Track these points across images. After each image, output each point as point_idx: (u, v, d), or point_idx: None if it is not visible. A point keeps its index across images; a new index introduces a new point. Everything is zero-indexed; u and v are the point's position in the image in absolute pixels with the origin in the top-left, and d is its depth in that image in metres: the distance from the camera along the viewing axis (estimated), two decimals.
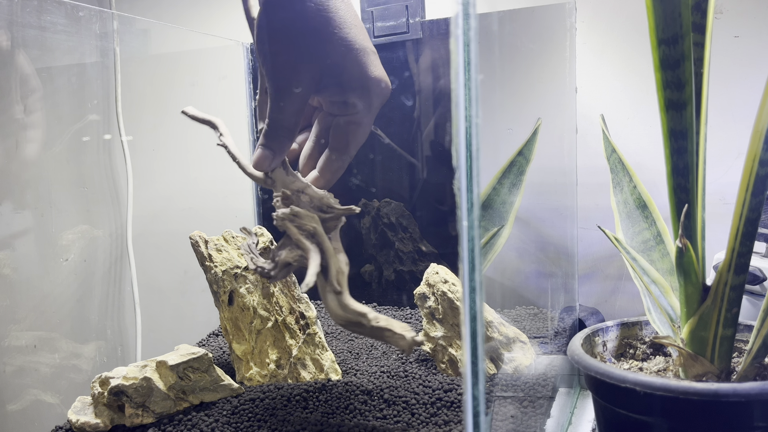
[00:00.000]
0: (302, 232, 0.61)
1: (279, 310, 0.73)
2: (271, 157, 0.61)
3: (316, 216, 0.61)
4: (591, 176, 0.88)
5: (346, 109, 0.61)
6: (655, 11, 0.50)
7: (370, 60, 0.59)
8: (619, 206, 0.71)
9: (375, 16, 0.93)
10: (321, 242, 0.61)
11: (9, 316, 0.82)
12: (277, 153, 0.61)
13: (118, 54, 0.96)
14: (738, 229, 0.51)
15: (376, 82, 0.59)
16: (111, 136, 0.98)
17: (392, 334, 0.59)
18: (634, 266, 0.62)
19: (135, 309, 0.98)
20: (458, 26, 0.31)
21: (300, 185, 0.62)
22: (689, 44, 0.50)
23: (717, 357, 0.56)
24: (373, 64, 0.59)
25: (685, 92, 0.52)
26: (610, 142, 0.73)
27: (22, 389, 0.82)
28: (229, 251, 0.75)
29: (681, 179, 0.54)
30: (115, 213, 0.98)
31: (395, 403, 0.64)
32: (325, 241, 0.61)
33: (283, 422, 0.61)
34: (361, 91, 0.59)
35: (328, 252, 0.61)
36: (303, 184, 0.63)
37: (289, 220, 0.61)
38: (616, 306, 0.91)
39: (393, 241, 0.98)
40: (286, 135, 0.60)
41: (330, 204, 0.63)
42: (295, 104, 0.58)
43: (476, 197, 0.32)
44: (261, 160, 0.61)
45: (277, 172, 0.63)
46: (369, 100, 0.60)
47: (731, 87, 0.81)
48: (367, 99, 0.60)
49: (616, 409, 0.57)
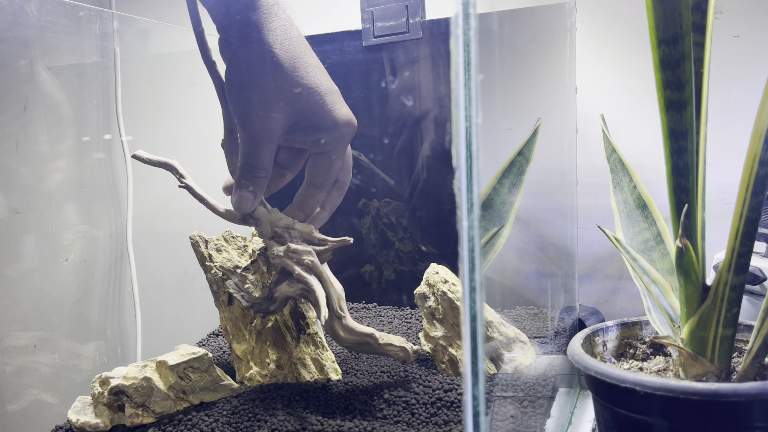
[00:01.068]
0: (301, 266, 0.63)
1: None
2: (252, 198, 0.63)
3: (311, 249, 0.64)
4: (591, 176, 0.88)
5: (317, 146, 0.64)
6: (655, 11, 0.50)
7: (336, 100, 0.63)
8: (619, 206, 0.71)
9: (375, 16, 0.93)
10: (320, 274, 0.63)
11: (9, 316, 0.82)
12: (257, 193, 0.63)
13: (118, 54, 0.96)
14: (738, 229, 0.51)
15: (344, 120, 0.63)
16: (111, 136, 0.98)
17: (393, 347, 0.65)
18: (634, 266, 0.62)
19: (135, 309, 0.98)
20: (458, 26, 0.31)
21: (287, 222, 0.65)
22: (689, 44, 0.50)
23: (717, 357, 0.56)
24: (339, 103, 0.63)
25: (685, 92, 0.52)
26: (610, 142, 0.73)
27: (22, 389, 0.82)
28: (229, 251, 0.75)
29: (681, 179, 0.54)
30: (115, 213, 0.98)
31: (395, 403, 0.64)
32: (324, 272, 0.64)
33: (283, 422, 0.61)
34: (330, 130, 0.63)
35: (327, 282, 0.64)
36: (290, 221, 0.65)
37: (287, 257, 0.63)
38: (616, 306, 0.91)
39: (393, 241, 0.98)
40: (263, 175, 0.62)
41: (321, 237, 0.65)
42: (270, 147, 0.61)
43: (476, 197, 0.32)
44: (242, 203, 0.63)
45: (259, 211, 0.65)
46: (338, 137, 0.63)
47: (731, 87, 0.81)
48: (337, 136, 0.63)
49: (616, 409, 0.57)
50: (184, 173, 0.66)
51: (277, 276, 0.65)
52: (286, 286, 0.64)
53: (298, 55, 0.60)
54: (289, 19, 0.60)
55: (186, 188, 0.66)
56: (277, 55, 0.58)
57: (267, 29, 0.58)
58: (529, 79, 0.86)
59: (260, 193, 0.63)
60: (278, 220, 0.65)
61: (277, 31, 0.59)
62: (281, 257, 0.63)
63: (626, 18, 0.86)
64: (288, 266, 0.63)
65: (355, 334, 0.63)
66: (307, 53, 0.61)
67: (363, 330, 0.64)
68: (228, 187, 0.66)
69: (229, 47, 0.60)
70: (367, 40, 0.95)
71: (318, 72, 0.61)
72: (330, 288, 0.64)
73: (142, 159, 0.66)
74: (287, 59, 0.59)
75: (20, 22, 0.78)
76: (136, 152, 0.67)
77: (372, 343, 0.64)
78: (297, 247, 0.63)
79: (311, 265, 0.63)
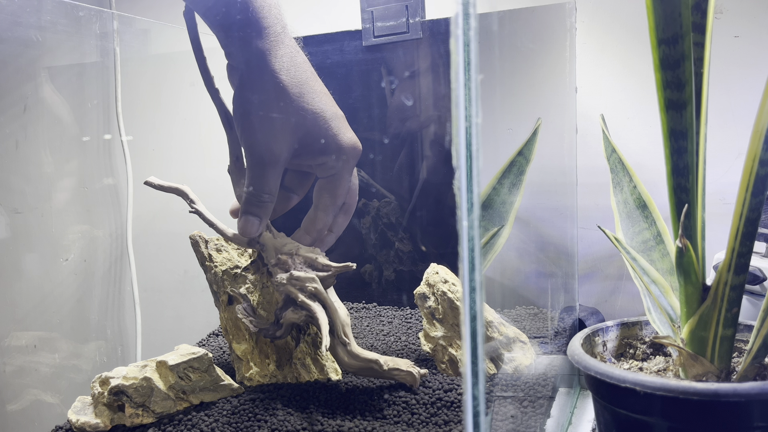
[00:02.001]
0: (305, 293, 0.63)
1: None
2: (258, 223, 0.64)
3: (315, 276, 0.64)
4: (591, 176, 0.88)
5: (323, 170, 0.65)
6: (655, 11, 0.50)
7: (341, 124, 0.63)
8: (619, 206, 0.71)
9: (375, 16, 0.93)
10: (324, 300, 0.63)
11: (9, 316, 0.82)
12: (263, 218, 0.64)
13: (118, 54, 0.96)
14: (738, 229, 0.51)
15: (349, 145, 0.64)
16: (111, 136, 0.98)
17: (399, 371, 0.65)
18: (634, 266, 0.62)
19: (135, 309, 0.98)
20: (458, 26, 0.31)
21: (292, 247, 0.65)
22: (689, 44, 0.50)
23: (717, 357, 0.56)
24: (344, 127, 0.64)
25: (685, 92, 0.52)
26: (610, 142, 0.73)
27: (22, 389, 0.82)
28: (229, 251, 0.75)
29: (681, 179, 0.54)
30: (115, 213, 0.98)
31: (395, 403, 0.64)
32: (327, 298, 0.64)
33: (283, 422, 0.61)
34: (336, 154, 0.63)
35: (332, 308, 0.64)
36: (294, 246, 0.66)
37: (290, 284, 0.63)
38: (616, 306, 0.91)
39: (393, 241, 0.98)
40: (269, 200, 0.63)
41: (324, 262, 0.65)
42: (276, 172, 0.62)
43: (476, 197, 0.32)
44: (248, 227, 0.64)
45: (265, 236, 0.66)
46: (344, 161, 0.64)
47: (731, 87, 0.81)
48: (343, 160, 0.64)
49: (616, 409, 0.57)
50: (194, 198, 0.68)
51: (282, 302, 0.65)
52: (291, 312, 0.64)
53: (304, 81, 0.60)
54: (295, 46, 0.61)
55: (196, 213, 0.68)
56: (284, 81, 0.59)
57: (274, 56, 0.59)
58: (529, 79, 0.86)
59: (265, 218, 0.64)
60: (283, 246, 0.65)
61: (284, 58, 0.60)
62: (285, 285, 0.64)
63: (626, 18, 0.86)
64: (292, 293, 0.64)
65: (360, 360, 0.64)
66: (313, 79, 0.62)
67: (367, 356, 0.64)
68: (235, 210, 0.67)
69: (236, 73, 0.61)
70: (367, 40, 0.95)
71: (323, 97, 0.62)
72: (334, 314, 0.64)
73: (154, 185, 0.69)
74: (293, 85, 0.60)
75: (20, 22, 0.78)
76: (148, 179, 0.69)
77: (377, 368, 0.64)
78: (300, 275, 0.64)
79: (315, 291, 0.64)
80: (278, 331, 0.65)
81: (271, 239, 0.66)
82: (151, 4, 1.11)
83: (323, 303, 0.63)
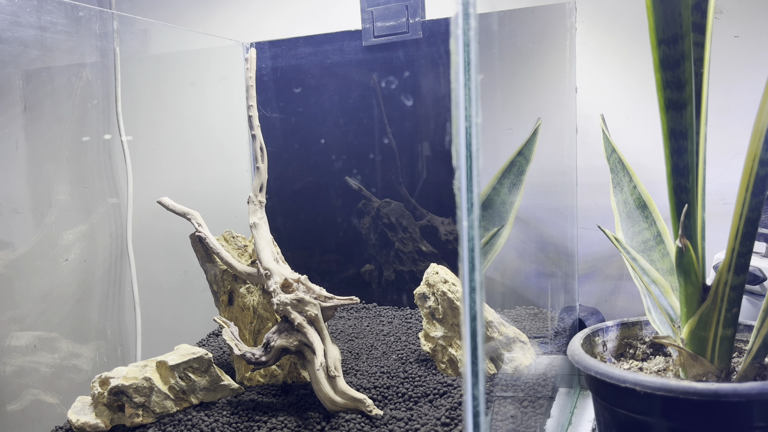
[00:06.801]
0: (304, 317, 0.64)
1: None
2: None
3: (317, 303, 0.65)
4: (591, 176, 0.88)
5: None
6: (655, 11, 0.50)
7: None
8: (619, 206, 0.71)
9: (375, 16, 0.93)
10: (320, 329, 0.64)
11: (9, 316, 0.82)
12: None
13: (118, 54, 0.96)
14: (738, 229, 0.51)
15: None
16: (111, 136, 0.98)
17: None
18: (634, 266, 0.62)
19: (135, 309, 0.98)
20: (458, 26, 0.31)
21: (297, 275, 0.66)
22: (689, 44, 0.50)
23: (717, 357, 0.56)
24: None
25: (685, 92, 0.52)
26: (610, 142, 0.73)
27: (22, 389, 0.82)
28: (229, 251, 0.75)
29: (681, 179, 0.54)
30: (115, 213, 0.98)
31: (395, 403, 0.64)
32: (324, 328, 0.64)
33: (283, 422, 0.61)
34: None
35: (326, 339, 0.64)
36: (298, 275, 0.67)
37: (292, 306, 0.64)
38: (616, 306, 0.91)
39: (393, 241, 0.98)
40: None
41: (328, 295, 0.67)
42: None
43: (476, 197, 0.32)
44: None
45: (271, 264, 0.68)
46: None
47: (731, 87, 0.81)
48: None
49: (616, 409, 0.57)
50: (201, 222, 0.72)
51: (277, 326, 0.65)
52: (284, 337, 0.64)
53: None
54: None
55: (199, 237, 0.72)
56: None
57: None
58: (529, 79, 0.86)
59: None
60: (290, 273, 0.67)
61: None
62: (286, 304, 0.64)
63: (626, 18, 0.86)
64: (290, 314, 0.63)
65: (346, 398, 0.62)
66: None
67: (353, 394, 0.62)
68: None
69: None
70: (367, 40, 0.95)
71: None
72: (328, 345, 0.64)
73: (167, 207, 0.72)
74: None
75: (20, 22, 0.78)
76: (161, 199, 0.73)
77: (362, 410, 0.62)
78: (303, 297, 0.64)
79: (314, 318, 0.64)
80: (266, 355, 0.64)
81: (278, 266, 0.68)
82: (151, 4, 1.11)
83: (320, 332, 0.64)
